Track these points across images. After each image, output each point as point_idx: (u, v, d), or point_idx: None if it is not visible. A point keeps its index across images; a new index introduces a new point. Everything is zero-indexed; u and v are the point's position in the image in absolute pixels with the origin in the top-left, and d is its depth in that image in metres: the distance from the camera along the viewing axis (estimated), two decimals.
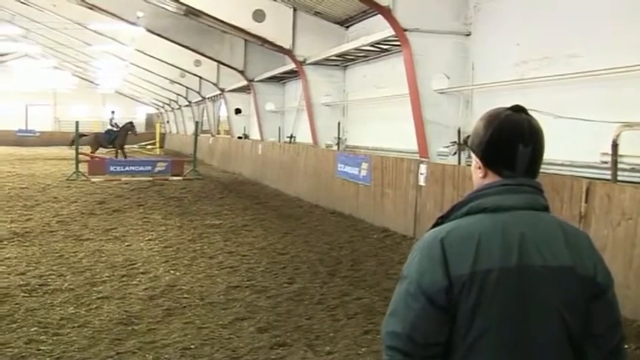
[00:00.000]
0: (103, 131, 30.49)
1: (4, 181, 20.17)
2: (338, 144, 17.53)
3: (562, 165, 9.05)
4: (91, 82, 55.69)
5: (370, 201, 13.21)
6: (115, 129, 29.34)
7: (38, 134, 52.87)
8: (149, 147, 42.41)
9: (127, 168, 22.19)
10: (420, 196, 11.23)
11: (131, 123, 29.69)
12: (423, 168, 11.13)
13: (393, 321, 1.91)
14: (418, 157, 11.80)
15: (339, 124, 17.59)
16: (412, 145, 12.25)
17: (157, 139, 43.47)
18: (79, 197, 16.68)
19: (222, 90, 28.57)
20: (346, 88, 18.04)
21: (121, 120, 32.23)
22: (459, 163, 11.19)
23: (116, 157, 27.85)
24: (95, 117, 56.37)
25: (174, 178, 21.89)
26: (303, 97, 19.14)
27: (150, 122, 58.15)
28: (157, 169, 22.48)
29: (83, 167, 21.95)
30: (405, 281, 1.92)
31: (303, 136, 20.35)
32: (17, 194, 16.88)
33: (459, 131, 11.41)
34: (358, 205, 13.77)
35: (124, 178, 21.23)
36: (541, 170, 2.01)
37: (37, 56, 50.65)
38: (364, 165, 13.49)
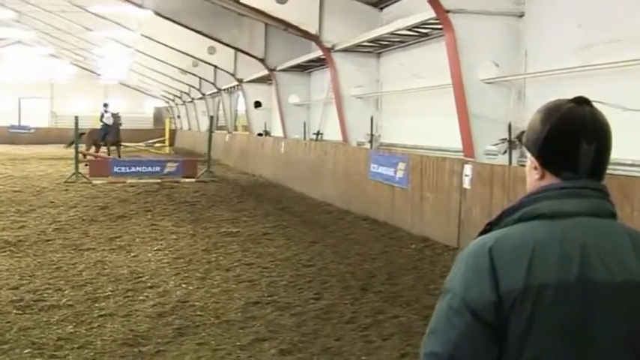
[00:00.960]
0: (99, 127, 30.46)
1: None
2: (371, 141, 17.52)
3: (632, 165, 8.89)
4: (93, 72, 56.41)
5: (408, 206, 13.17)
6: (108, 124, 29.52)
7: (33, 131, 53.66)
8: (158, 145, 42.82)
9: (132, 169, 22.41)
10: (464, 201, 11.17)
11: (117, 115, 30.11)
12: (468, 169, 11.08)
13: (433, 340, 1.87)
14: (462, 157, 11.75)
15: (372, 118, 17.58)
16: (456, 142, 12.19)
17: (167, 136, 43.87)
18: (78, 202, 16.89)
19: (240, 81, 28.70)
20: (380, 77, 18.02)
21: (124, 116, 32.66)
22: (510, 163, 11.11)
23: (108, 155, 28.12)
24: (97, 111, 56.95)
25: (186, 180, 22.07)
26: (331, 88, 19.14)
27: (158, 117, 58.79)
28: (167, 170, 22.69)
29: (83, 168, 22.23)
30: (448, 295, 1.90)
31: (332, 133, 20.37)
32: (9, 198, 17.10)
33: (509, 126, 11.32)
34: (394, 211, 13.74)
35: (129, 181, 21.44)
36: (607, 171, 1.98)
37: (31, 43, 51.36)
38: (401, 165, 13.46)
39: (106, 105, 31.29)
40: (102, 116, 30.29)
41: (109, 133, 29.08)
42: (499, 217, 1.97)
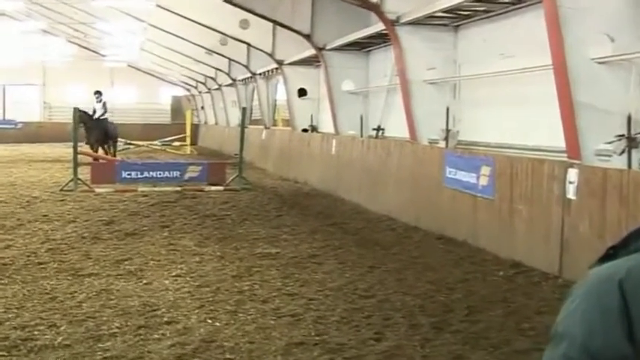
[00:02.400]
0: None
1: None
2: (446, 139, 17.46)
3: None
4: (95, 52, 57.39)
5: (494, 222, 13.07)
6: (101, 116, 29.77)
7: (20, 126, 54.63)
8: (176, 144, 43.32)
9: (145, 174, 22.70)
10: (568, 215, 11.04)
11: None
12: (573, 174, 10.94)
13: None
14: (566, 158, 11.62)
15: (447, 110, 17.51)
16: (557, 140, 12.08)
17: (188, 132, 44.30)
18: (78, 215, 17.14)
19: (280, 63, 28.95)
20: (458, 58, 17.97)
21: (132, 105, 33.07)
22: (629, 166, 10.96)
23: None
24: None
25: (213, 188, 22.37)
26: (395, 71, 19.13)
27: (177, 109, 59.30)
28: (188, 175, 22.99)
29: (84, 173, 22.53)
30: (563, 343, 1.82)
31: (396, 128, 20.39)
32: None
33: (628, 119, 11.16)
34: (476, 228, 13.66)
35: (141, 189, 21.75)
36: None
37: (18, 16, 52.24)
38: (485, 169, 13.37)
39: (98, 93, 30.98)
40: (94, 113, 29.87)
41: (93, 130, 29.04)
42: (626, 239, 1.89)
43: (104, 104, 30.25)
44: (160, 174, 22.89)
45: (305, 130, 28.61)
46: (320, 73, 26.82)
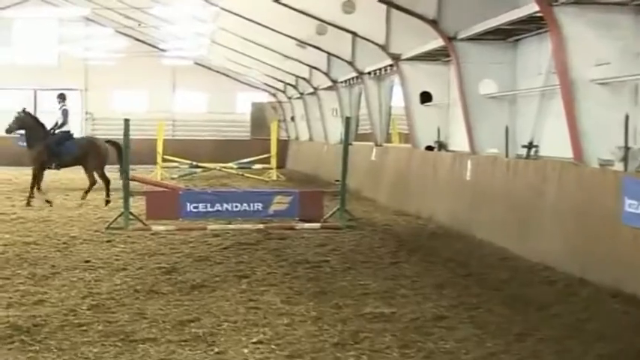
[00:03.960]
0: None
1: None
2: (625, 160, 17.14)
3: None
4: (152, 46, 58.06)
5: None
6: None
7: None
8: (258, 167, 43.75)
9: (217, 207, 22.91)
10: None
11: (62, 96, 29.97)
12: None
13: None
14: None
15: (626, 119, 17.20)
16: None
17: (274, 151, 44.74)
18: (129, 261, 17.33)
19: (397, 58, 28.95)
20: None
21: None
22: None
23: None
24: (159, 110, 58.71)
25: (306, 225, 22.60)
26: (553, 68, 18.91)
27: (259, 120, 59.71)
28: (274, 208, 23.21)
29: (138, 205, 22.79)
30: None
31: (555, 146, 20.24)
32: (18, 255, 17.71)
33: None
34: None
35: (211, 226, 21.97)
36: None
37: (54, 0, 53.32)
38: None
39: (61, 97, 30.43)
40: (60, 124, 29.57)
41: (38, 144, 28.75)
42: None
43: (65, 112, 29.70)
44: (236, 207, 23.05)
45: (430, 148, 28.50)
46: (450, 71, 26.69)
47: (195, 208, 22.78)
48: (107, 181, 29.24)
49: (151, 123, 50.73)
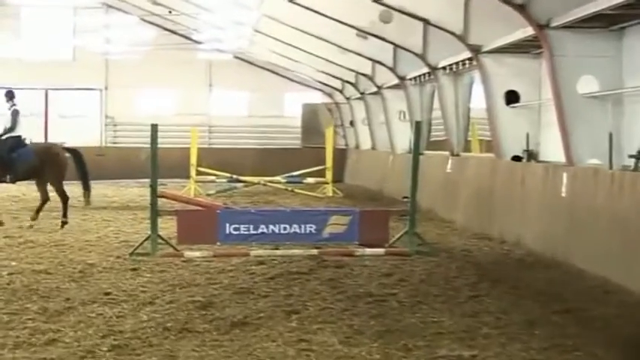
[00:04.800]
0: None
1: None
2: None
3: None
4: (184, 37, 58.20)
5: None
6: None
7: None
8: (310, 181, 43.86)
9: (262, 229, 22.84)
10: None
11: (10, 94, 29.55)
12: None
13: None
14: None
15: None
16: None
17: (330, 162, 44.92)
18: (157, 293, 17.26)
19: (476, 50, 28.90)
20: None
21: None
22: None
23: None
24: (193, 113, 59.05)
25: (368, 250, 22.55)
26: None
27: (312, 125, 60.15)
28: (330, 230, 23.11)
29: (168, 226, 22.84)
30: None
31: None
32: (27, 286, 17.73)
33: None
34: None
35: (255, 252, 22.02)
36: None
37: None
38: None
39: (9, 95, 30.02)
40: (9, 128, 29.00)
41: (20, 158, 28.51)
42: None
43: (14, 113, 29.23)
44: (284, 229, 22.96)
45: (517, 159, 28.36)
46: (542, 65, 26.51)
47: (235, 230, 22.72)
48: (65, 199, 28.86)
49: (183, 129, 51.03)
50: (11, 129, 28.93)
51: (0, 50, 58.11)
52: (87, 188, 28.53)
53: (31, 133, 47.69)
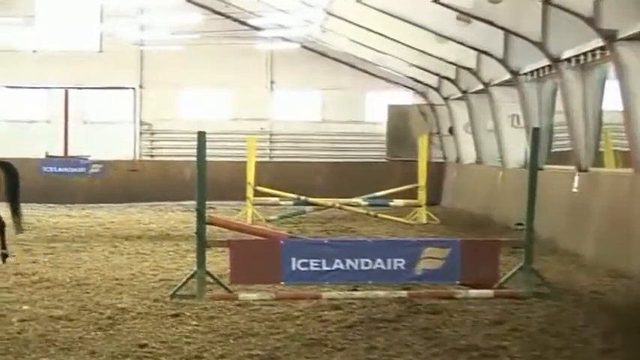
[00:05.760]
0: None
1: (5, 299, 21.42)
2: None
3: None
4: (241, 22, 57.97)
5: None
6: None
7: (97, 170, 56.23)
8: (397, 203, 44.18)
9: (337, 265, 22.63)
10: None
11: None
12: None
13: None
14: None
15: None
16: None
17: (423, 179, 45.32)
18: (205, 346, 17.23)
19: (611, 37, 28.46)
20: None
21: None
22: None
23: None
24: (249, 117, 58.68)
25: (472, 292, 22.90)
26: None
27: (399, 132, 60.52)
28: (423, 267, 23.05)
29: (218, 261, 22.38)
30: None
31: None
32: (42, 335, 17.75)
33: None
34: None
35: (328, 294, 21.91)
36: None
37: None
38: None
39: None
40: None
41: None
42: None
43: None
44: (366, 265, 22.93)
45: None
46: None
47: (304, 266, 22.60)
48: (1, 225, 28.64)
49: (238, 137, 51.13)
50: None
51: (9, 40, 58.14)
52: (17, 213, 28.36)
53: (46, 143, 48.17)
